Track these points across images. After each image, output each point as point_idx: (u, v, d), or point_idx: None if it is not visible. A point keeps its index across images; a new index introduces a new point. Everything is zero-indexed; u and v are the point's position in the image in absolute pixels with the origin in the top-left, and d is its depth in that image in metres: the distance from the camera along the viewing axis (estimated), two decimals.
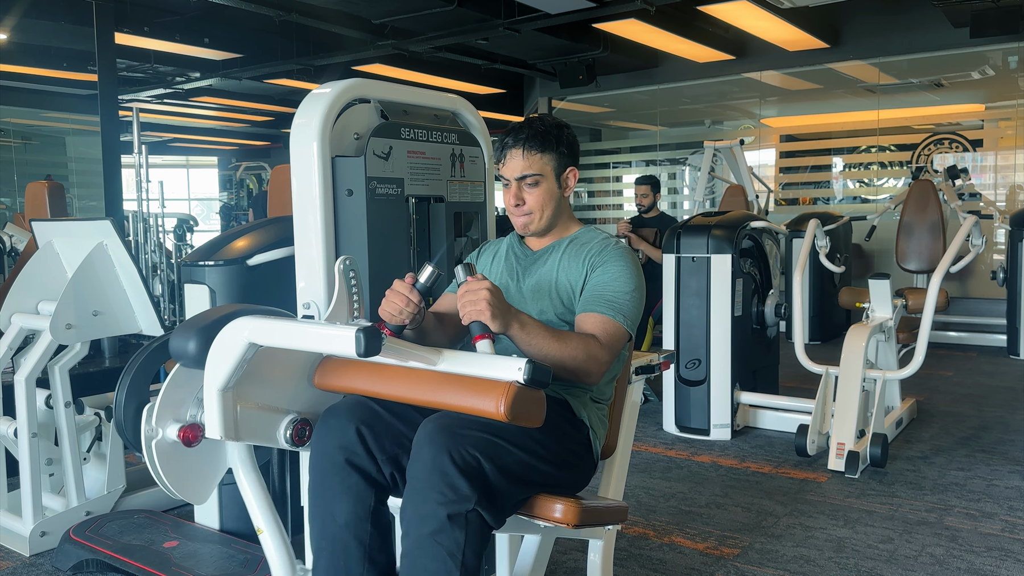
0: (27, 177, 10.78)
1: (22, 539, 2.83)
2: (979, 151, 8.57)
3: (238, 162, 14.54)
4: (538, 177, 1.94)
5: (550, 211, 1.97)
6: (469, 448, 1.56)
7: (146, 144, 5.43)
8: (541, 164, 1.93)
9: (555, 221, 2.01)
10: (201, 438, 1.73)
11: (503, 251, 2.09)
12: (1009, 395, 5.10)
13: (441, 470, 1.53)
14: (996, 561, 2.70)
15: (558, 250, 1.99)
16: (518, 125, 1.98)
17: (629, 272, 1.89)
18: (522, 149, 1.93)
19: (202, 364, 1.67)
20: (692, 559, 2.74)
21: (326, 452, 1.71)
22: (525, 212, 1.96)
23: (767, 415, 4.33)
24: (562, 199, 2.00)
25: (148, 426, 1.69)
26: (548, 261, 1.99)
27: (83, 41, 7.34)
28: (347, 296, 1.88)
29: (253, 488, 1.82)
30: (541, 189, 1.95)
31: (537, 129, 1.94)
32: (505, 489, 1.61)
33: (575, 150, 2.00)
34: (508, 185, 1.97)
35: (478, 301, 1.67)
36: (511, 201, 1.97)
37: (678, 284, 4.27)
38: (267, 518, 1.83)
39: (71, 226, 3.01)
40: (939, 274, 3.92)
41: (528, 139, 1.93)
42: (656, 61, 9.57)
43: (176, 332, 1.74)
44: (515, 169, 1.94)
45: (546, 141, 1.93)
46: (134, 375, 1.98)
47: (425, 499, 1.54)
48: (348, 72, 9.10)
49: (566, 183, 1.99)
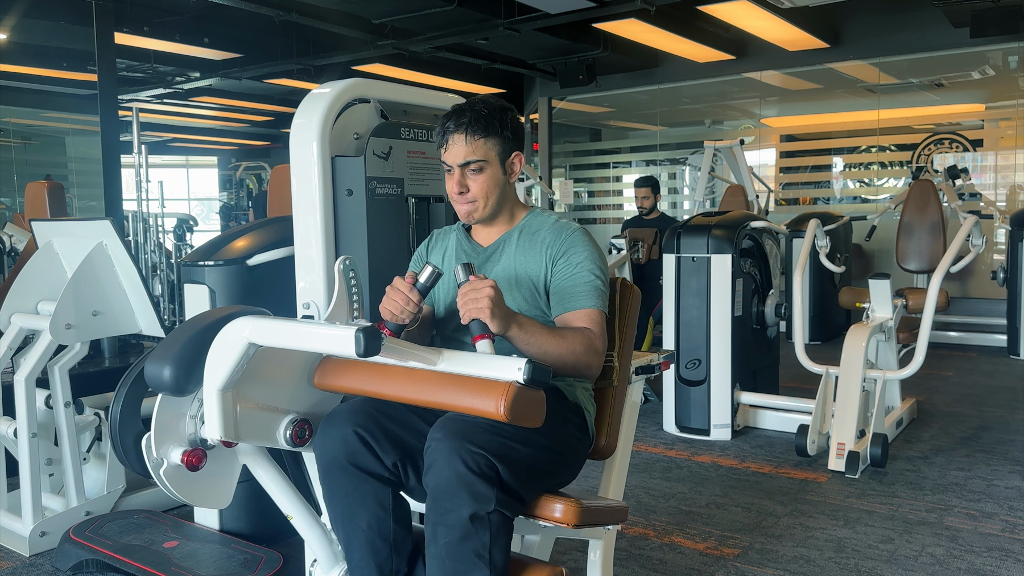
0: (27, 177, 10.79)
1: (22, 539, 2.83)
2: (979, 151, 8.56)
3: (238, 162, 14.53)
4: (482, 163, 1.86)
5: (495, 198, 1.90)
6: (481, 451, 1.57)
7: (146, 144, 5.42)
8: (485, 150, 1.85)
9: (500, 207, 1.93)
10: (205, 460, 1.72)
11: (451, 248, 2.02)
12: (1009, 395, 5.10)
13: (458, 477, 1.55)
14: (996, 561, 2.69)
15: (509, 244, 1.94)
16: (459, 108, 1.88)
17: (591, 254, 1.87)
18: (464, 134, 1.84)
19: (181, 391, 1.64)
20: (692, 559, 2.74)
21: (332, 460, 1.72)
22: (469, 200, 1.88)
23: (767, 415, 4.33)
24: (507, 185, 1.93)
25: (152, 459, 1.67)
26: (502, 258, 1.93)
27: (83, 41, 7.34)
28: (347, 296, 1.88)
29: (273, 479, 1.82)
30: (485, 176, 1.87)
31: (480, 113, 1.85)
32: (519, 484, 1.62)
33: (520, 134, 1.92)
34: (451, 171, 1.88)
35: (481, 299, 1.65)
36: (454, 188, 1.88)
37: (678, 284, 4.27)
38: (294, 504, 1.83)
39: (71, 226, 3.01)
40: (939, 274, 3.92)
41: (471, 123, 1.84)
42: (656, 61, 9.57)
43: (151, 359, 1.67)
44: (458, 155, 1.85)
45: (490, 125, 1.84)
46: (123, 404, 1.91)
47: (447, 508, 1.56)
48: (348, 72, 9.10)
49: (511, 168, 1.92)
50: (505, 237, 1.96)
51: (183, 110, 12.32)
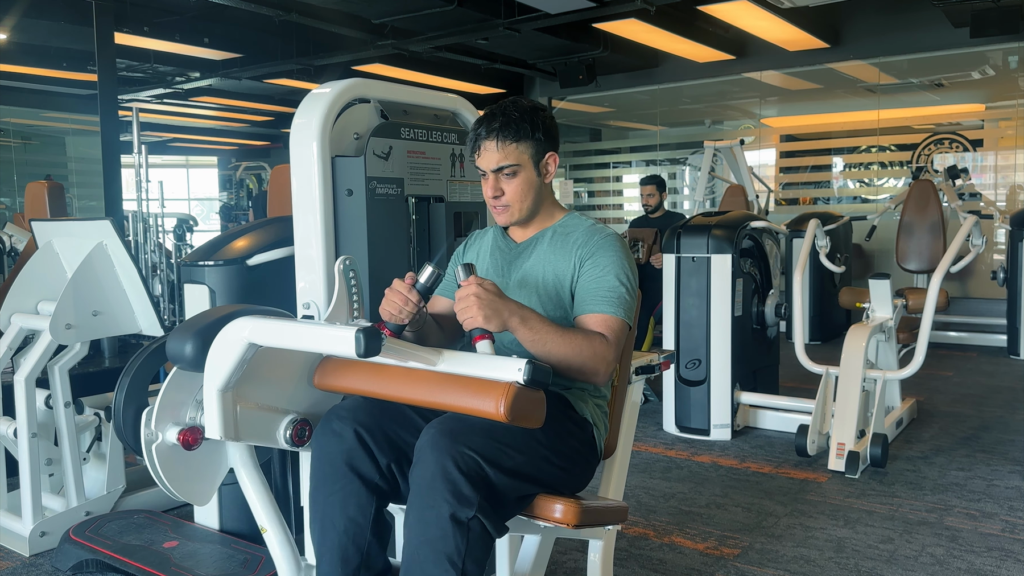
0: (27, 177, 10.78)
1: (22, 539, 2.83)
2: (979, 151, 8.57)
3: (238, 162, 14.53)
4: (515, 167, 1.85)
5: (530, 201, 1.90)
6: (472, 452, 1.55)
7: (146, 144, 5.42)
8: (517, 154, 1.85)
9: (537, 209, 1.93)
10: (201, 441, 1.73)
11: (487, 246, 2.03)
12: (1009, 395, 5.10)
13: (444, 475, 1.53)
14: (996, 561, 2.69)
15: (542, 242, 1.93)
16: (490, 113, 1.87)
17: (620, 261, 1.84)
18: (496, 140, 1.84)
19: (200, 367, 1.66)
20: (692, 559, 2.74)
21: (327, 456, 1.71)
22: (504, 204, 1.89)
23: (767, 415, 4.33)
24: (543, 186, 1.92)
25: (147, 430, 1.69)
26: (533, 255, 1.93)
27: (83, 41, 7.34)
28: (347, 296, 1.88)
29: (256, 488, 1.82)
30: (519, 179, 1.87)
31: (511, 117, 1.84)
32: (509, 492, 1.60)
33: (553, 133, 1.90)
34: (485, 177, 1.88)
35: (468, 308, 1.64)
36: (489, 193, 1.88)
37: (678, 284, 4.27)
38: (271, 517, 1.83)
39: (71, 226, 3.01)
40: (939, 274, 3.92)
41: (502, 128, 1.83)
42: (656, 61, 9.57)
43: (173, 334, 1.73)
44: (490, 161, 1.85)
45: (520, 129, 1.84)
46: (132, 377, 1.97)
47: (428, 504, 1.54)
48: (348, 72, 9.10)
49: (546, 169, 1.91)
50: (539, 235, 1.95)
51: (183, 110, 12.32)
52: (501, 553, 2.27)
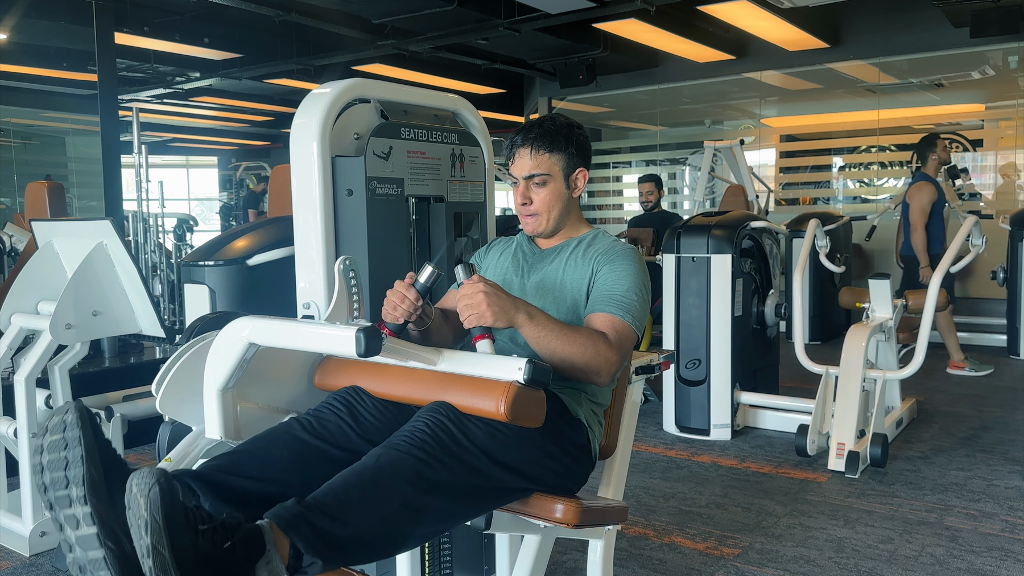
0: (27, 177, 10.79)
1: (22, 539, 2.84)
2: (979, 151, 8.56)
3: (238, 162, 14.54)
4: (546, 177, 1.93)
5: (557, 212, 1.97)
6: (473, 424, 1.53)
7: (146, 144, 5.44)
8: (549, 164, 1.93)
9: (563, 222, 2.00)
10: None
11: (513, 248, 2.09)
12: (1009, 395, 5.10)
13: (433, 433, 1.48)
14: (996, 561, 2.69)
15: (567, 250, 1.98)
16: (529, 123, 1.98)
17: (636, 272, 1.87)
18: (530, 148, 1.93)
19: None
20: (692, 559, 2.74)
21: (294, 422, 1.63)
22: (532, 212, 1.96)
23: (767, 415, 4.33)
24: (571, 200, 1.99)
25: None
26: (555, 260, 1.98)
27: (83, 41, 7.35)
28: (347, 296, 1.88)
29: None
30: (548, 189, 1.94)
31: (547, 129, 1.94)
32: (493, 477, 1.57)
33: (586, 151, 1.99)
34: (516, 184, 1.97)
35: (477, 305, 1.65)
36: (519, 199, 1.97)
37: (678, 284, 4.27)
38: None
39: (71, 226, 3.01)
40: (939, 274, 3.92)
41: (537, 138, 1.93)
42: (656, 61, 9.57)
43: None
44: (523, 168, 1.94)
45: (555, 141, 1.93)
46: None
47: (416, 442, 1.47)
48: (348, 72, 9.10)
49: (575, 184, 1.98)
50: (563, 244, 2.01)
51: (183, 110, 12.32)
52: (501, 553, 2.28)
